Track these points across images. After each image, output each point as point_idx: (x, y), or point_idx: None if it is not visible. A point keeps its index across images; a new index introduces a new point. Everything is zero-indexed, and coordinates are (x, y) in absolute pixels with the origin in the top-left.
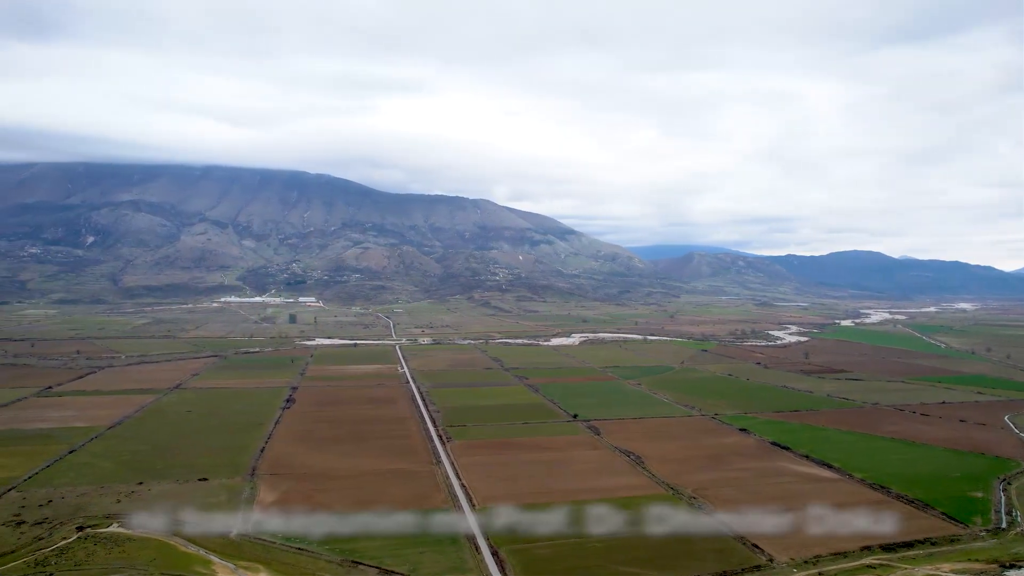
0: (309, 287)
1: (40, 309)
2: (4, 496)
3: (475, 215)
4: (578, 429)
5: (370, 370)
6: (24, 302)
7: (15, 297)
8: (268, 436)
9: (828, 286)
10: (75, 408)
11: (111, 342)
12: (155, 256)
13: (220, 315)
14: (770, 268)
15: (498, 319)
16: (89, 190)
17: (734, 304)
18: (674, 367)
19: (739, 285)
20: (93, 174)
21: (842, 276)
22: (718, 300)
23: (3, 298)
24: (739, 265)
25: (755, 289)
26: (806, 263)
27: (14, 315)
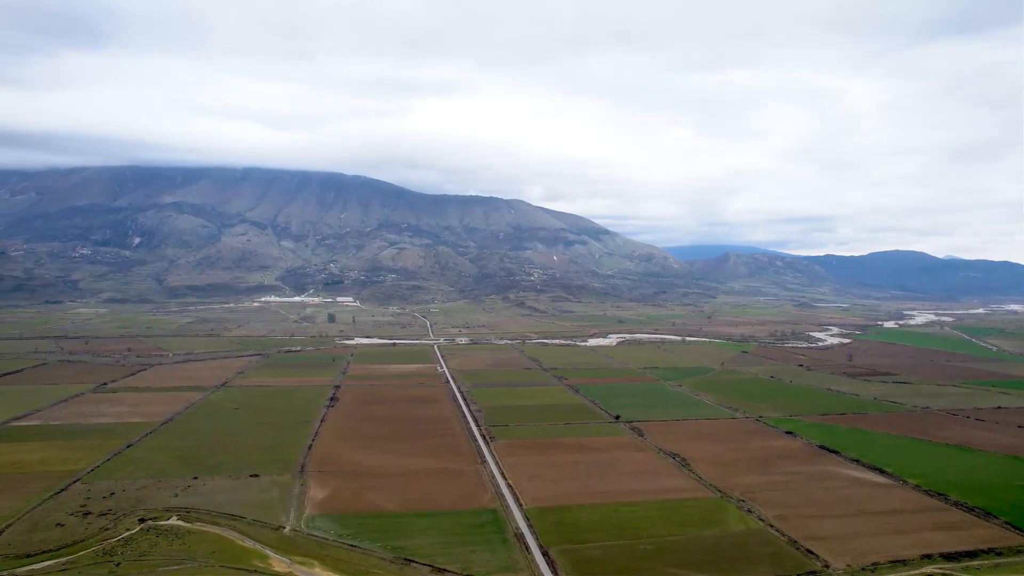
0: (346, 287)
1: (91, 308)
2: (70, 487)
3: (509, 215)
4: (621, 430)
5: (410, 369)
6: (76, 301)
7: (68, 296)
8: (314, 434)
9: (869, 287)
10: (129, 404)
11: (158, 340)
12: (197, 256)
13: (261, 314)
14: (808, 268)
15: (534, 319)
16: (135, 192)
17: (772, 305)
18: (714, 368)
19: (777, 286)
20: (139, 177)
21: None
22: (756, 301)
23: (57, 297)
24: (777, 265)
25: (793, 290)
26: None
27: (68, 314)
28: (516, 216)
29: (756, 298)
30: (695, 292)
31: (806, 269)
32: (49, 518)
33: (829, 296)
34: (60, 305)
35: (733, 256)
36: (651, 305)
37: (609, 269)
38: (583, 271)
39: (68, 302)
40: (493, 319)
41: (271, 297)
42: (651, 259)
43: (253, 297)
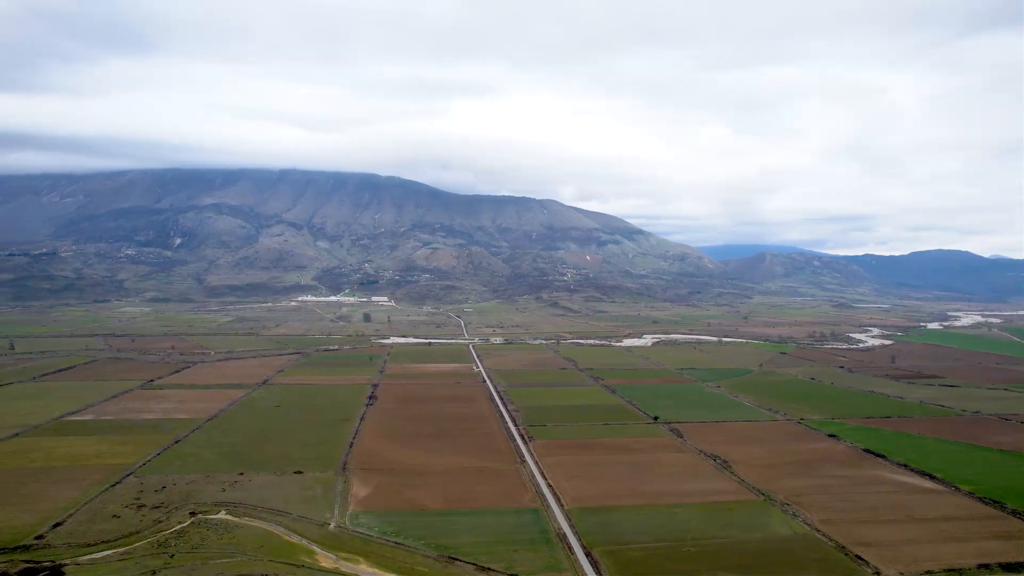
0: (381, 287)
1: (136, 307)
2: (124, 480)
3: (542, 215)
4: (660, 431)
5: (447, 369)
6: (122, 300)
7: (114, 295)
8: (355, 432)
9: (910, 287)
10: (175, 401)
11: (200, 338)
12: (236, 256)
13: (298, 313)
14: (847, 268)
15: (568, 319)
16: (177, 194)
17: (810, 305)
18: (753, 370)
19: (814, 286)
20: (180, 179)
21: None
22: (792, 301)
23: (105, 296)
24: (814, 265)
25: (831, 290)
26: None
27: (115, 312)
28: (549, 216)
29: (793, 298)
30: (730, 292)
31: (844, 269)
32: (106, 509)
33: (868, 297)
34: (107, 304)
35: (769, 256)
36: (685, 305)
37: (643, 269)
38: (616, 271)
39: (114, 301)
40: (527, 319)
41: (307, 297)
42: (685, 259)
43: (290, 296)
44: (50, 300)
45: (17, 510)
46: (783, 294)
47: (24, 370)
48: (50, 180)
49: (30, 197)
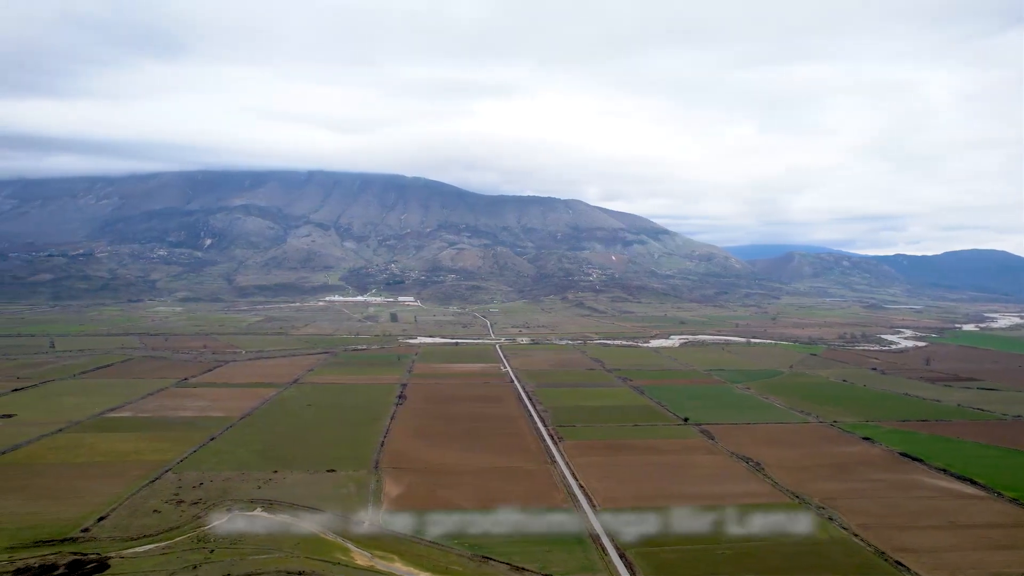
0: (407, 287)
1: (168, 307)
2: (163, 477)
3: (567, 215)
4: (691, 433)
5: (475, 369)
6: (155, 300)
7: (147, 295)
8: (386, 431)
9: (944, 288)
10: (209, 399)
11: (231, 338)
12: (264, 257)
13: (326, 313)
14: (877, 268)
15: (593, 320)
16: (207, 196)
17: (839, 306)
18: (783, 371)
19: (843, 286)
20: (210, 181)
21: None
22: (821, 302)
23: (138, 296)
24: (843, 265)
25: (861, 291)
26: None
27: (148, 312)
28: (574, 216)
29: (822, 299)
30: (758, 293)
31: (874, 269)
32: (146, 505)
33: (900, 297)
34: (141, 304)
35: (797, 256)
36: (712, 306)
37: (669, 269)
38: (642, 271)
39: (147, 300)
40: (552, 319)
41: (335, 297)
42: (712, 259)
43: (318, 296)
44: (87, 300)
45: (64, 503)
46: (812, 295)
47: (65, 368)
48: (86, 182)
49: (68, 199)
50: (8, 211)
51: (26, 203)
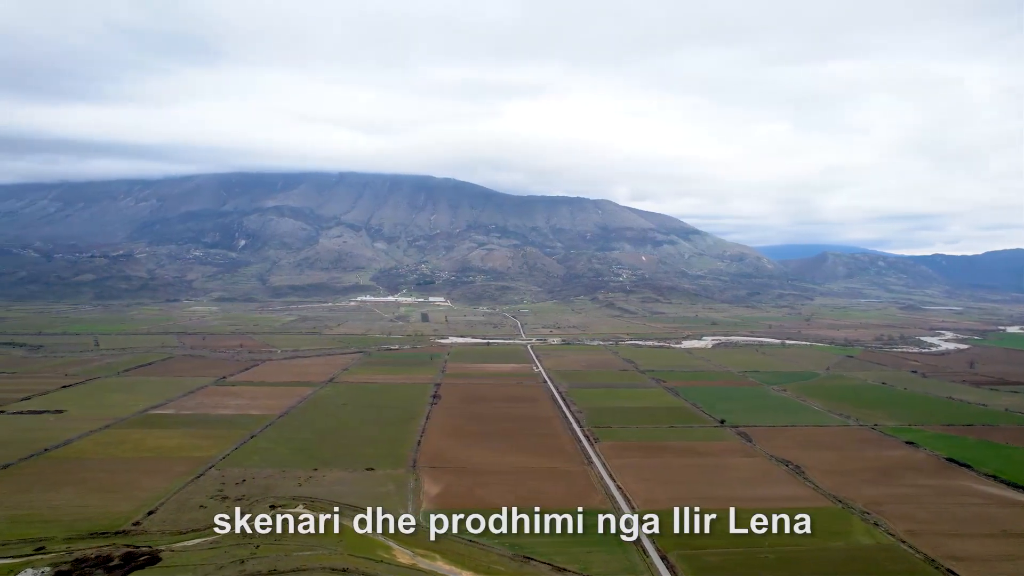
0: (437, 287)
1: (204, 306)
2: (207, 473)
3: (596, 215)
4: (727, 435)
5: (507, 369)
6: (191, 300)
7: (184, 295)
8: (421, 430)
9: (985, 289)
10: (247, 397)
11: (266, 337)
12: (297, 257)
13: (358, 313)
14: (914, 269)
15: (624, 320)
16: (241, 197)
17: (875, 307)
18: (819, 373)
19: (879, 287)
20: (244, 183)
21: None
22: (856, 303)
23: (176, 296)
24: (879, 266)
25: (897, 292)
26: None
27: (186, 311)
28: (603, 216)
29: (857, 300)
30: (790, 294)
31: (911, 270)
32: (192, 500)
33: (939, 299)
34: (178, 303)
35: (831, 256)
36: (744, 307)
37: (699, 270)
38: (673, 272)
39: (184, 300)
40: (583, 320)
41: (366, 297)
42: (743, 259)
43: (349, 296)
44: (127, 299)
45: (115, 497)
46: (846, 295)
47: (109, 365)
48: (126, 185)
49: (108, 202)
50: (53, 213)
51: (69, 205)
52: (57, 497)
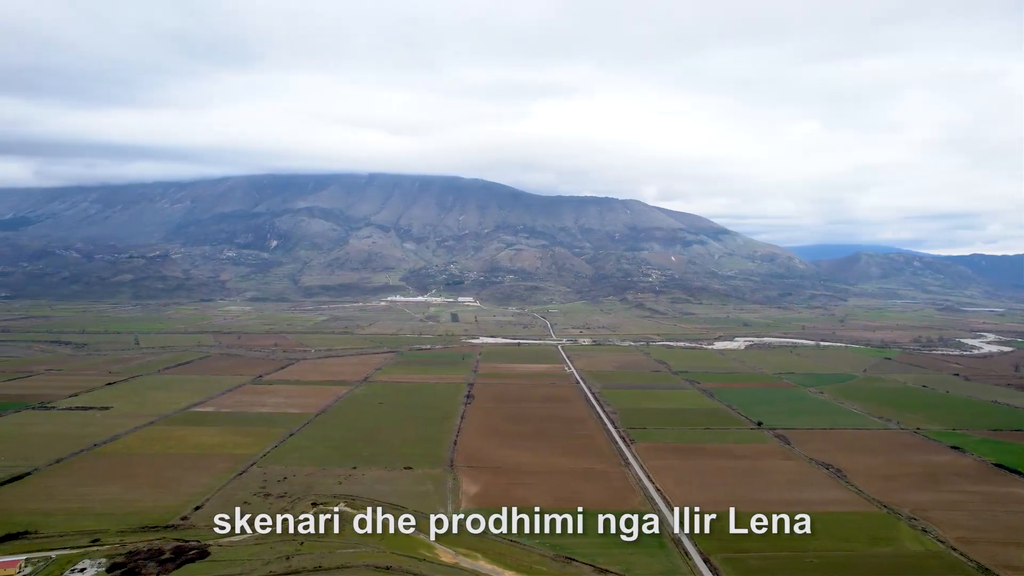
0: (466, 287)
1: (238, 306)
2: (249, 470)
3: (625, 215)
4: (765, 437)
5: (539, 369)
6: (225, 299)
7: (218, 295)
8: (457, 430)
9: None
10: (284, 396)
11: (300, 336)
12: (328, 258)
13: (388, 313)
14: (952, 269)
15: (654, 321)
16: (273, 199)
17: (911, 308)
18: (857, 375)
19: (915, 288)
20: (276, 184)
21: None
22: (892, 304)
23: (210, 296)
24: (915, 266)
25: (934, 292)
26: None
27: (220, 311)
28: (632, 216)
29: (892, 301)
30: (823, 294)
31: (949, 270)
32: (237, 496)
33: (978, 300)
34: (212, 303)
35: (864, 256)
36: (776, 307)
37: (730, 270)
38: (702, 272)
39: (219, 300)
40: (613, 320)
41: (396, 297)
42: (774, 259)
43: (379, 297)
44: (164, 299)
45: (163, 492)
46: (881, 296)
47: (150, 364)
48: (162, 187)
49: (146, 204)
50: (94, 215)
51: (109, 207)
52: (108, 491)
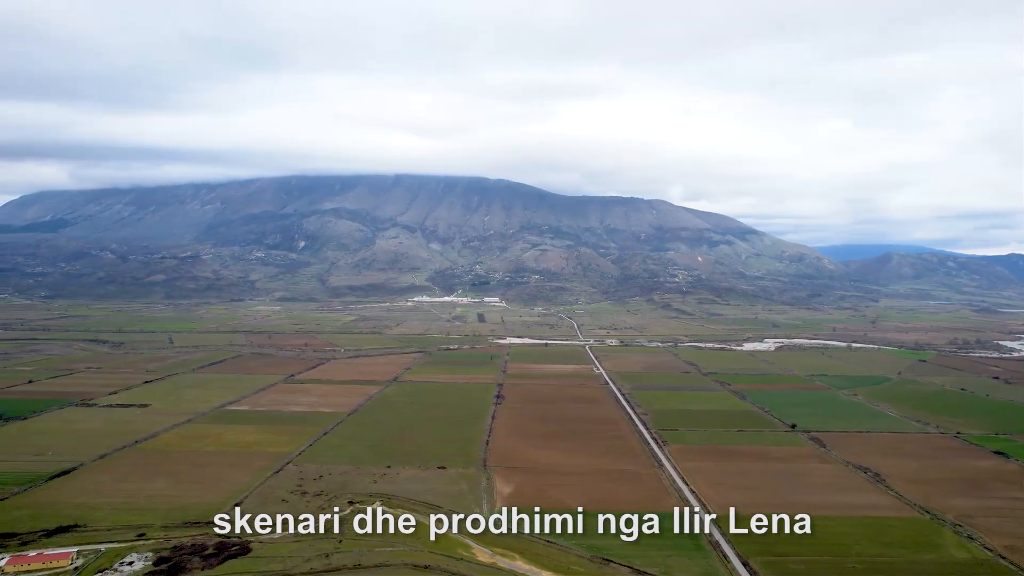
0: (492, 287)
1: (267, 306)
2: (285, 468)
3: (650, 216)
4: (800, 440)
5: (568, 370)
6: (255, 299)
7: (248, 295)
8: (488, 430)
9: None
10: (317, 395)
11: (329, 336)
12: (355, 258)
13: (415, 313)
14: (988, 270)
15: (681, 322)
16: (300, 200)
17: (946, 310)
18: (891, 378)
19: (949, 288)
20: (304, 186)
21: None
22: (925, 305)
23: (240, 296)
24: (948, 266)
25: (970, 293)
26: None
27: (251, 311)
28: (658, 216)
29: (925, 302)
30: (853, 295)
31: (984, 270)
32: (274, 494)
33: (1016, 301)
34: (242, 303)
35: (896, 256)
36: (805, 308)
37: (757, 270)
38: (729, 272)
39: (248, 300)
40: (639, 321)
41: (423, 297)
42: (803, 259)
43: (406, 297)
44: (195, 299)
45: (203, 489)
46: (913, 297)
47: (184, 363)
48: (192, 189)
49: (176, 205)
50: (127, 217)
51: (142, 209)
52: (152, 487)
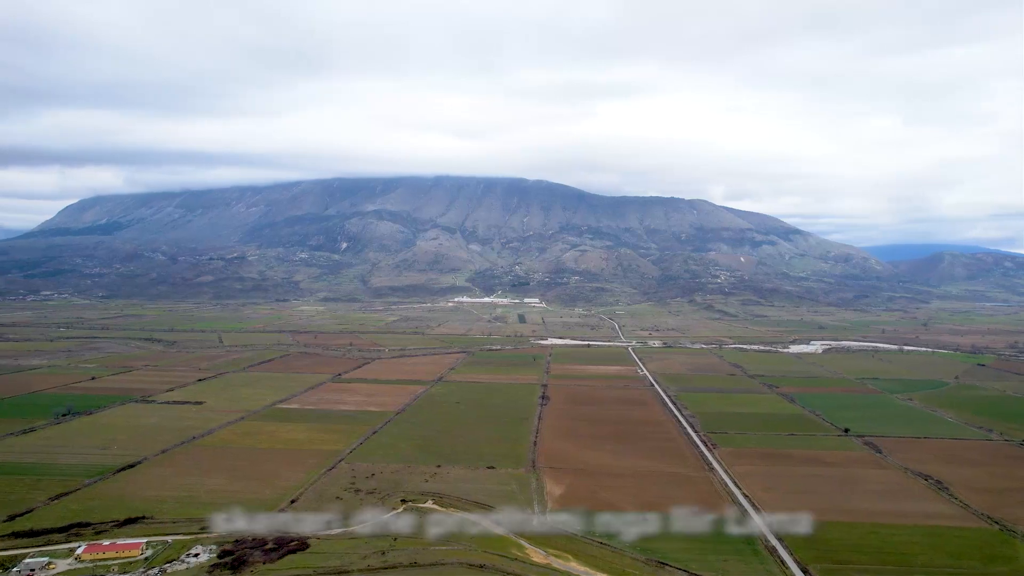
0: (532, 288)
1: (311, 306)
2: (337, 466)
3: (691, 216)
4: (853, 445)
5: (611, 371)
6: (299, 299)
7: (292, 295)
8: (535, 430)
9: None
10: (364, 394)
11: (373, 336)
12: (396, 259)
13: (456, 314)
14: None
15: (725, 323)
16: (342, 202)
17: (1003, 312)
18: (948, 382)
19: (1006, 290)
20: (345, 188)
21: None
22: (980, 307)
23: (284, 296)
24: (1005, 266)
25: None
26: None
27: (295, 311)
28: (698, 216)
29: (980, 304)
30: (902, 296)
31: None
32: (328, 491)
33: None
34: (287, 303)
35: (948, 256)
36: (852, 310)
37: (801, 271)
38: (773, 273)
39: (293, 300)
40: (681, 322)
41: (463, 298)
42: (849, 260)
43: (447, 297)
44: (242, 299)
45: (260, 484)
46: (967, 299)
47: (235, 361)
48: (238, 192)
49: (223, 208)
50: (177, 219)
51: (191, 212)
52: (211, 482)
